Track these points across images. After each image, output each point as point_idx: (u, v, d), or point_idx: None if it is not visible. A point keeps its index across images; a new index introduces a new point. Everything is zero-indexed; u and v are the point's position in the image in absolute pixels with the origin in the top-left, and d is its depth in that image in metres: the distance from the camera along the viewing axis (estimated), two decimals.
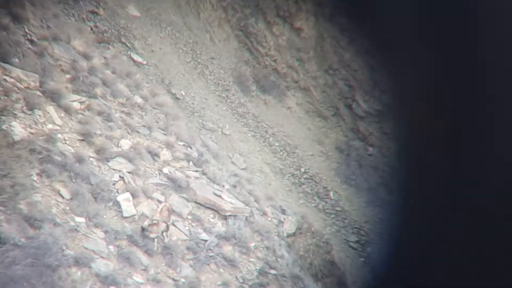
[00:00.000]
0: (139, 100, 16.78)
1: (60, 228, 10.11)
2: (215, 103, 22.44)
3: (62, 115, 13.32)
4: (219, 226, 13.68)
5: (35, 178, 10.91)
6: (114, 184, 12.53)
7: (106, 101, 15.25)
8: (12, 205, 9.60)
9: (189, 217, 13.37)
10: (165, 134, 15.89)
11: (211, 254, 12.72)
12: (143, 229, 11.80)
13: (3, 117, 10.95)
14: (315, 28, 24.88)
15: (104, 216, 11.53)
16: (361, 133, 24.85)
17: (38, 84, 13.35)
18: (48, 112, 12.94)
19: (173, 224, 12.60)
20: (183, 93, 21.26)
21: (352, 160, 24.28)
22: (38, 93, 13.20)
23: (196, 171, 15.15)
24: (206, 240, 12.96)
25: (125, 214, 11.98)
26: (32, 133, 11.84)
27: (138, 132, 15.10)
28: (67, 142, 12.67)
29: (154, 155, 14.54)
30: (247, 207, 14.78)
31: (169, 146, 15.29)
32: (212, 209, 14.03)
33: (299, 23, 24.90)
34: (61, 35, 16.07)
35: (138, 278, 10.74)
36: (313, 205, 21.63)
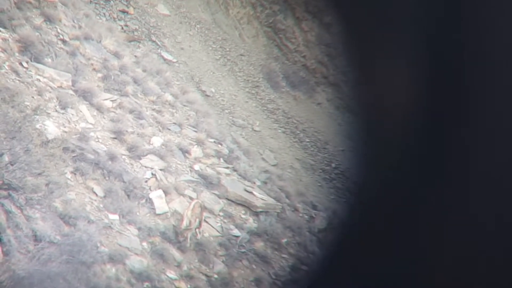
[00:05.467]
0: (169, 97, 16.86)
1: (94, 225, 10.22)
2: (245, 100, 22.44)
3: (95, 113, 13.47)
4: (251, 222, 13.69)
5: (69, 176, 11.05)
6: (146, 182, 12.63)
7: (137, 99, 15.37)
8: (47, 203, 9.72)
9: (221, 213, 13.41)
10: (195, 131, 15.95)
11: (243, 250, 12.74)
12: (177, 232, 11.86)
13: (37, 116, 11.10)
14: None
15: (137, 213, 11.63)
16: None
17: (70, 83, 13.52)
18: (80, 111, 13.09)
19: (205, 220, 12.65)
20: (213, 90, 21.30)
21: None
22: (71, 92, 13.37)
23: (227, 167, 15.18)
24: (238, 236, 12.99)
25: (157, 211, 12.06)
26: (65, 132, 12.00)
27: (169, 129, 15.18)
28: (100, 140, 12.80)
29: (185, 152, 14.60)
30: (278, 203, 14.77)
31: (200, 143, 15.35)
32: (244, 206, 14.04)
33: (328, 18, 24.74)
34: (93, 34, 16.25)
35: (171, 274, 10.82)
36: (344, 200, 21.51)
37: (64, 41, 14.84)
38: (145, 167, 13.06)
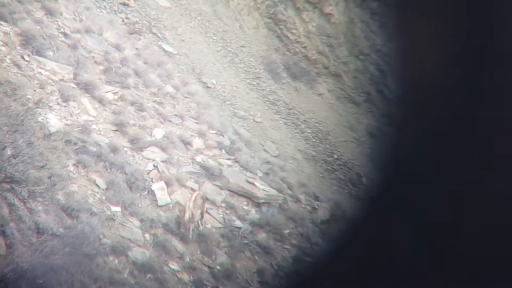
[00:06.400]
0: (170, 89, 16.89)
1: (97, 218, 10.26)
2: (246, 91, 22.43)
3: (96, 106, 13.50)
4: (253, 214, 13.73)
5: (72, 168, 11.09)
6: (148, 173, 12.66)
7: (138, 91, 15.40)
8: (50, 195, 9.74)
9: (223, 205, 13.44)
10: (197, 123, 15.97)
11: (246, 241, 12.78)
12: (180, 224, 11.91)
13: (39, 109, 11.09)
14: (345, 13, 24.64)
15: (139, 205, 11.67)
16: (394, 118, 24.46)
17: (72, 76, 13.55)
18: (82, 104, 13.12)
19: (207, 212, 12.69)
20: (214, 82, 21.30)
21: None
22: (73, 85, 13.41)
23: (229, 159, 15.21)
24: (240, 228, 13.02)
25: (160, 203, 12.10)
26: (67, 125, 12.04)
27: (171, 121, 15.20)
28: (102, 132, 12.84)
29: (187, 143, 14.63)
30: (280, 194, 14.79)
31: (201, 134, 15.37)
32: (246, 197, 14.07)
33: (329, 9, 24.69)
34: (93, 27, 16.28)
35: (174, 265, 10.87)
36: (346, 191, 21.53)
37: (65, 34, 14.86)
38: (147, 159, 13.10)
